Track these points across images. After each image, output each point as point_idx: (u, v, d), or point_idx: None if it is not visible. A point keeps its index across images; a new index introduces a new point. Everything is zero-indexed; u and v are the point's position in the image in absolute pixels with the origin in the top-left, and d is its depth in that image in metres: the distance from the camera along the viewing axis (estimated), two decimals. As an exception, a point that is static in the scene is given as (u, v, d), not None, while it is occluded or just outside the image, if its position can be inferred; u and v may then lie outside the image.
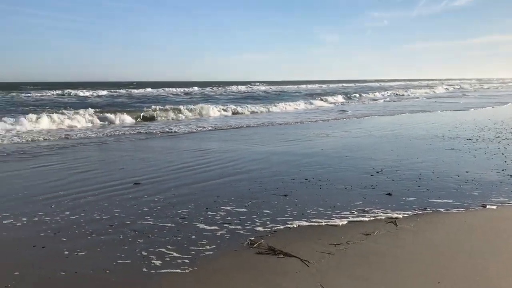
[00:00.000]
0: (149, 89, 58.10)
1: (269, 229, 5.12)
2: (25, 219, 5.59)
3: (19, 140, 13.52)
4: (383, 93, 48.42)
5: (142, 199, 6.48)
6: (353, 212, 5.71)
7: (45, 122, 17.18)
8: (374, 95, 45.61)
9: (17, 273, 3.98)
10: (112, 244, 4.70)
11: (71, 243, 4.71)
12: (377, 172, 8.07)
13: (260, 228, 5.15)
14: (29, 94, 42.36)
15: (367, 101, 37.68)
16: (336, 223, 5.30)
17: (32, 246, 4.61)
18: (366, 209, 5.84)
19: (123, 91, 51.64)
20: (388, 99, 40.99)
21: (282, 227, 5.21)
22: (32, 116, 17.39)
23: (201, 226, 5.27)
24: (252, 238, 4.82)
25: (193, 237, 4.91)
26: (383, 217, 5.52)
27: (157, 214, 5.73)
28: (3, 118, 16.50)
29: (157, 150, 11.45)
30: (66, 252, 4.44)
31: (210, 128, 17.18)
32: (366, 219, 5.47)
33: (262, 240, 4.74)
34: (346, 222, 5.36)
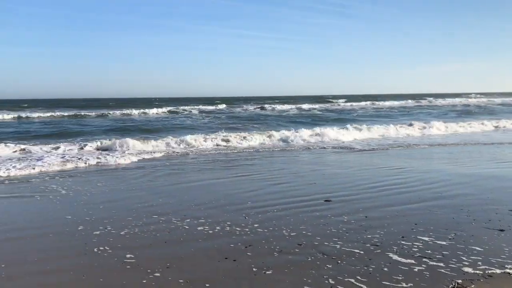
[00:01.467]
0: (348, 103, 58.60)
1: (481, 272, 4.26)
2: (218, 227, 5.83)
3: (227, 150, 14.74)
4: None
5: (332, 218, 6.19)
6: None
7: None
8: None
9: (208, 285, 4.06)
10: (300, 265, 4.49)
11: (260, 259, 4.66)
12: None
13: (469, 269, 4.32)
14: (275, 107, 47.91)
15: None
16: None
17: (224, 258, 4.71)
18: None
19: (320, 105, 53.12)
20: None
21: (498, 271, 4.28)
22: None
23: (395, 257, 4.69)
24: (459, 281, 4.05)
25: (385, 269, 4.38)
26: None
27: (347, 237, 5.35)
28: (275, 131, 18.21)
29: (351, 165, 11.09)
30: (255, 269, 4.39)
31: (405, 144, 16.08)
32: None
33: (473, 285, 3.94)
34: None
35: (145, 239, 5.39)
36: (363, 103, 58.92)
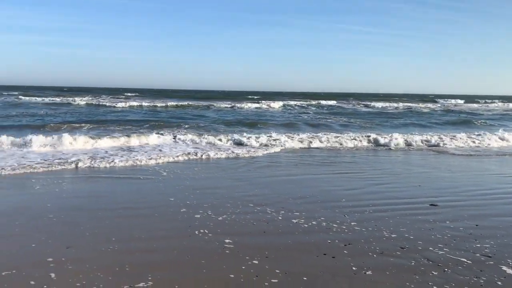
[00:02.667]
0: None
1: None
2: (315, 223, 5.75)
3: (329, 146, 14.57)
4: None
5: (437, 223, 5.81)
6: None
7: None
8: None
9: (305, 278, 4.02)
10: (402, 269, 4.27)
11: (360, 258, 4.51)
12: None
13: None
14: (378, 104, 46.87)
15: None
16: None
17: (322, 254, 4.63)
18: None
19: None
20: None
21: None
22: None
23: (510, 271, 4.27)
24: None
25: (499, 283, 4.00)
26: None
27: (454, 245, 4.98)
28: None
29: (459, 169, 10.38)
30: (354, 268, 4.26)
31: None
32: None
33: None
34: None
35: (243, 227, 5.49)
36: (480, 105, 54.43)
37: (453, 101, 63.47)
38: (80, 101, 37.59)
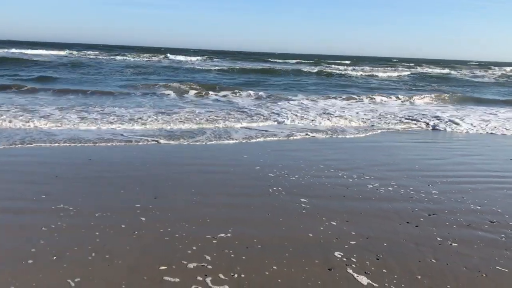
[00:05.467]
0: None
1: None
2: (394, 190, 5.57)
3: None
4: None
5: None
6: None
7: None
8: None
9: (385, 244, 3.92)
10: (491, 244, 4.03)
11: (444, 229, 4.31)
12: None
13: None
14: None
15: None
16: None
17: (405, 222, 4.48)
18: None
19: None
20: None
21: None
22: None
23: None
24: None
25: None
26: None
27: (551, 223, 4.61)
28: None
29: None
30: (439, 239, 4.08)
31: None
32: None
33: None
34: None
35: (319, 189, 5.45)
36: None
37: None
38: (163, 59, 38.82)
